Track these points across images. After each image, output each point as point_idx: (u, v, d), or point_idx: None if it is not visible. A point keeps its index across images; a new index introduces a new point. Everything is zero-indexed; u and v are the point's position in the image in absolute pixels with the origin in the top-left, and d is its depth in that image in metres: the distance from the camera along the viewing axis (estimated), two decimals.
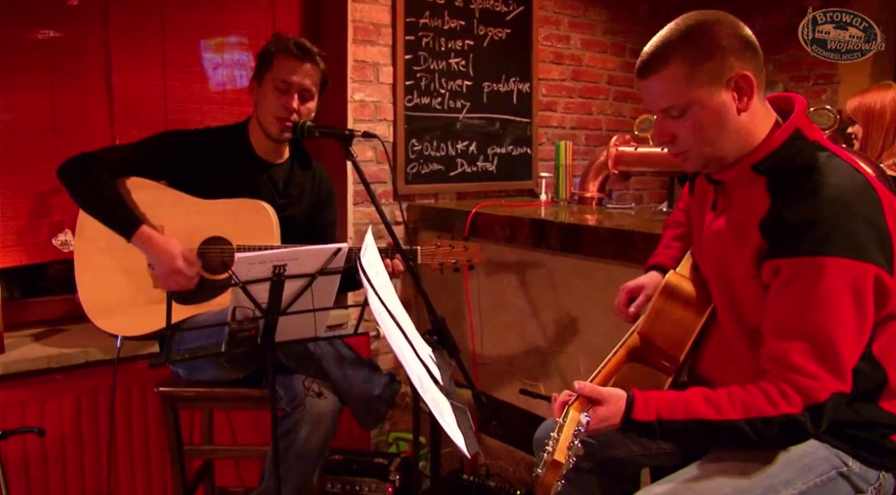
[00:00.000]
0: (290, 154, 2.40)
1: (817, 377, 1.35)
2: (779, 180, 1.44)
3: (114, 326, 2.21)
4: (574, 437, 1.33)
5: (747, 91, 1.44)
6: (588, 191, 3.42)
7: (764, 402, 1.37)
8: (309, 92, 2.26)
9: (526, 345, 2.97)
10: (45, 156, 2.66)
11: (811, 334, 1.36)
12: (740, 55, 1.43)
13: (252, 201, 2.22)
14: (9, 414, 2.40)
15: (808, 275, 1.35)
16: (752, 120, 1.46)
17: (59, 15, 2.69)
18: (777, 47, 4.24)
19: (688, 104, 1.45)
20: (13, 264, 2.67)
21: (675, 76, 1.44)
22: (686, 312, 1.66)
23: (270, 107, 2.23)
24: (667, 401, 1.44)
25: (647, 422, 1.43)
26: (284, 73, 2.22)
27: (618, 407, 1.44)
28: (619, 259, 2.54)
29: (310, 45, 2.28)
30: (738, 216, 1.51)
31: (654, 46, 1.47)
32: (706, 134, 1.46)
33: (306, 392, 2.01)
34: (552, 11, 3.87)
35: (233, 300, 1.62)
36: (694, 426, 1.41)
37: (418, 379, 1.33)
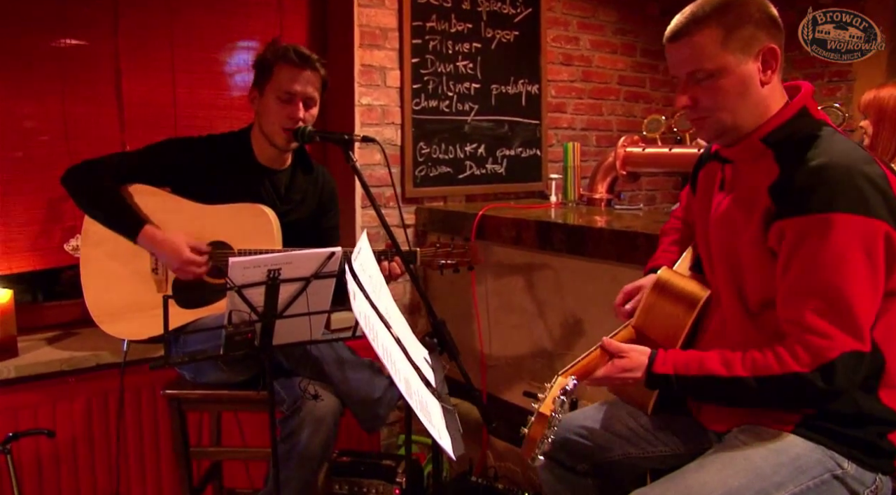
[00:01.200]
0: (292, 159, 2.41)
1: (829, 335, 1.37)
2: (786, 150, 1.49)
3: (120, 330, 2.25)
4: (560, 395, 1.37)
5: (772, 64, 1.51)
6: (597, 192, 3.41)
7: (772, 361, 1.41)
8: (312, 99, 2.27)
9: (533, 347, 2.97)
10: (57, 162, 2.70)
11: (823, 292, 1.38)
12: (769, 30, 1.50)
13: (252, 205, 2.24)
14: (22, 415, 2.45)
15: (817, 232, 1.38)
16: (771, 94, 1.53)
17: (69, 24, 2.74)
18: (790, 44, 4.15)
19: (717, 69, 1.50)
20: (26, 269, 2.73)
21: (708, 39, 1.49)
22: (677, 307, 1.68)
23: (275, 117, 2.24)
24: (683, 358, 1.52)
25: (664, 375, 1.51)
26: (286, 83, 2.22)
27: (640, 361, 1.55)
28: (624, 260, 2.53)
29: (308, 52, 2.28)
30: (747, 188, 1.55)
31: (688, 13, 1.53)
32: (728, 100, 1.51)
33: (303, 394, 2.03)
34: (561, 13, 3.86)
35: (229, 304, 1.64)
36: (704, 381, 1.48)
37: (404, 381, 1.34)
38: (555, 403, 1.38)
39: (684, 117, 3.11)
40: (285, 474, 2.06)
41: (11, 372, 2.47)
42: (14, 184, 2.67)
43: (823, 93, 4.24)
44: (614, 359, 1.57)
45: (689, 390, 1.53)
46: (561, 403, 1.37)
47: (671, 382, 1.52)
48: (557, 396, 1.39)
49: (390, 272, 2.18)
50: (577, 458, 1.77)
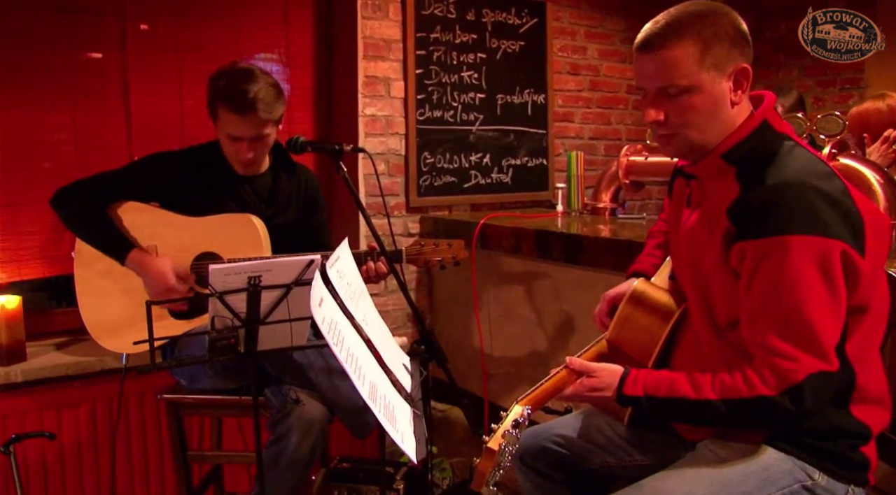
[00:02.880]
0: (272, 163, 2.44)
1: (794, 357, 1.35)
2: (747, 168, 1.46)
3: (116, 345, 2.31)
4: (512, 427, 1.36)
5: (744, 84, 1.47)
6: (601, 201, 3.41)
7: (741, 384, 1.39)
8: (260, 136, 2.23)
9: (532, 355, 2.98)
10: (67, 172, 2.78)
11: (784, 315, 1.36)
12: (742, 48, 1.46)
13: (239, 215, 2.28)
14: (28, 419, 2.52)
15: (774, 255, 1.36)
16: (738, 112, 1.50)
17: (80, 38, 2.82)
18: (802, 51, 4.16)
19: (690, 86, 1.44)
20: (36, 276, 2.81)
21: (685, 55, 1.43)
22: (653, 319, 1.66)
23: (228, 152, 2.28)
24: (654, 380, 1.50)
25: (635, 397, 1.49)
26: (229, 127, 2.20)
27: (611, 380, 1.52)
28: (619, 269, 2.52)
29: (252, 94, 2.15)
30: (711, 207, 1.52)
31: (663, 23, 1.47)
32: (698, 119, 1.47)
33: (285, 399, 2.06)
34: (568, 22, 3.88)
35: (211, 310, 1.68)
36: (674, 403, 1.46)
37: (369, 385, 1.36)
38: (505, 437, 1.36)
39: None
40: (274, 479, 2.09)
41: (19, 377, 2.54)
42: (25, 194, 2.75)
43: (835, 100, 4.20)
44: (583, 378, 1.55)
45: (659, 411, 1.50)
46: (512, 437, 1.36)
47: (641, 403, 1.49)
48: (508, 429, 1.38)
49: (377, 272, 2.20)
50: (554, 467, 1.78)
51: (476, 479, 1.36)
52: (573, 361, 1.60)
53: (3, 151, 2.71)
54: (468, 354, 3.23)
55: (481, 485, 1.36)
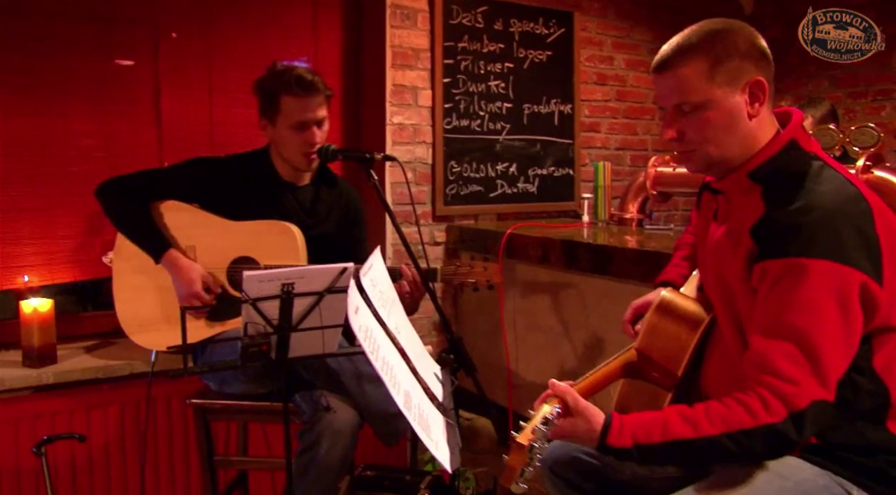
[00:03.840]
0: (315, 174, 2.47)
1: (797, 381, 1.31)
2: (773, 187, 1.46)
3: (148, 341, 2.33)
4: (542, 424, 1.34)
5: (760, 97, 1.47)
6: (627, 212, 3.40)
7: (743, 414, 1.33)
8: (323, 119, 2.31)
9: (558, 366, 2.97)
10: (98, 178, 2.78)
11: (793, 337, 1.33)
12: (756, 62, 1.47)
13: (279, 223, 2.30)
14: (58, 420, 2.54)
15: (792, 277, 1.34)
16: (759, 126, 1.49)
17: (113, 46, 2.87)
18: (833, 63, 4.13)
19: (703, 101, 1.46)
20: (67, 280, 2.84)
21: (694, 72, 1.45)
22: (680, 328, 1.65)
23: (293, 145, 2.30)
24: (643, 424, 1.40)
25: (622, 449, 1.39)
26: (297, 113, 2.26)
27: (590, 427, 1.41)
28: (648, 280, 2.51)
29: (310, 76, 2.28)
30: (736, 223, 1.52)
31: (675, 44, 1.50)
32: (715, 133, 1.48)
33: (316, 406, 2.06)
34: (595, 33, 3.88)
35: (244, 316, 1.69)
36: (673, 447, 1.37)
37: (404, 394, 1.36)
38: (535, 433, 1.33)
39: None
40: (303, 486, 2.09)
41: (50, 378, 2.57)
42: (57, 199, 2.79)
43: (867, 112, 4.16)
44: (565, 416, 1.42)
45: (654, 458, 1.41)
46: (542, 434, 1.34)
47: (631, 454, 1.38)
48: (538, 425, 1.35)
49: (410, 289, 2.20)
50: (584, 477, 1.76)
51: (506, 474, 1.34)
52: (556, 385, 1.47)
53: (36, 157, 2.75)
54: (493, 364, 3.23)
55: (511, 481, 1.34)
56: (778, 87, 4.19)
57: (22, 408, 2.51)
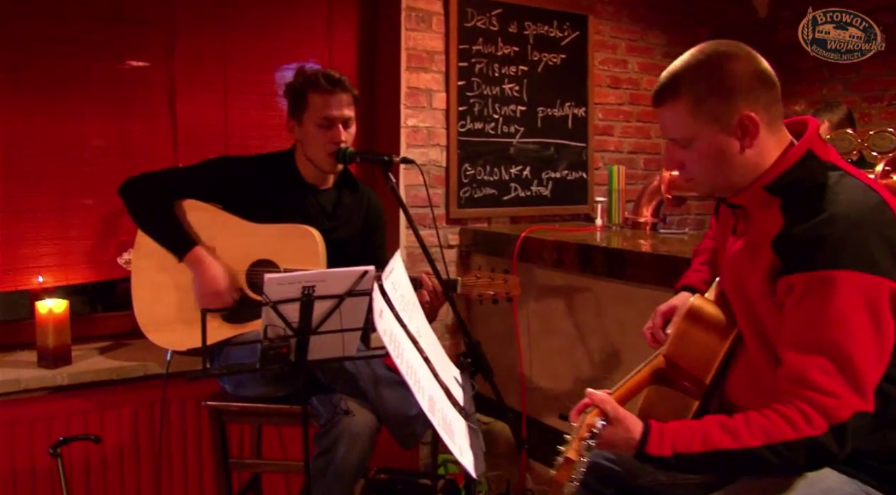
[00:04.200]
0: (337, 178, 2.47)
1: (837, 395, 1.31)
2: (791, 200, 1.45)
3: (165, 340, 2.32)
4: (588, 438, 1.33)
5: (752, 131, 1.45)
6: (641, 215, 3.38)
7: (784, 426, 1.32)
8: (349, 119, 2.33)
9: (573, 371, 2.95)
10: (113, 179, 2.80)
11: (828, 351, 1.32)
12: (748, 94, 1.44)
13: (299, 226, 2.30)
14: (73, 421, 2.54)
15: (821, 290, 1.33)
16: (758, 153, 1.48)
17: (129, 47, 2.87)
18: (847, 67, 4.12)
19: (690, 138, 1.48)
20: (82, 281, 2.85)
21: (679, 110, 1.47)
22: (710, 336, 1.64)
23: (319, 143, 2.31)
24: (683, 433, 1.39)
25: (661, 457, 1.38)
26: (323, 110, 2.28)
27: (629, 436, 1.40)
28: (665, 285, 2.50)
29: (337, 75, 2.32)
30: (755, 237, 1.51)
31: (667, 76, 1.51)
32: (711, 166, 1.50)
33: (335, 409, 2.06)
34: (609, 36, 3.87)
35: (265, 319, 1.69)
36: (713, 457, 1.36)
37: (428, 399, 1.36)
38: (582, 447, 1.33)
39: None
40: (320, 490, 2.09)
41: (65, 379, 2.57)
42: (72, 200, 2.80)
43: (883, 116, 4.13)
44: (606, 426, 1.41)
45: (693, 467, 1.41)
46: (587, 447, 1.33)
47: (669, 463, 1.38)
48: (585, 439, 1.34)
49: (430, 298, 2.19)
50: (605, 483, 1.75)
51: (553, 490, 1.33)
52: (595, 395, 1.45)
53: (52, 158, 2.75)
54: (506, 367, 3.21)
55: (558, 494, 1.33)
56: (792, 92, 4.21)
57: (37, 409, 2.51)
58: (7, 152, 2.67)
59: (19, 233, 2.71)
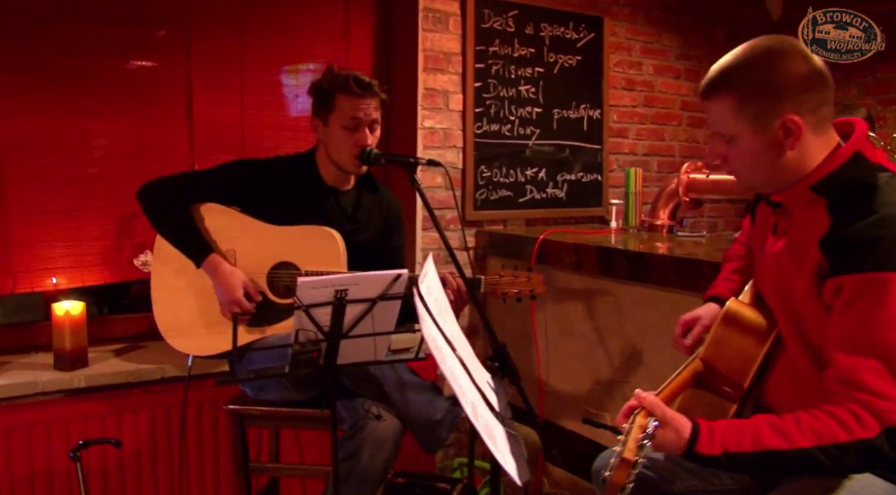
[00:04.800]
0: (357, 180, 2.45)
1: (890, 397, 1.30)
2: (839, 200, 1.44)
3: (185, 345, 2.30)
4: (642, 439, 1.32)
5: (795, 133, 1.44)
6: (658, 218, 3.37)
7: (836, 428, 1.32)
8: (376, 122, 2.31)
9: (592, 374, 2.93)
10: (129, 180, 2.79)
11: (880, 353, 1.32)
12: (795, 96, 1.43)
13: (320, 228, 2.28)
14: (90, 425, 2.52)
15: (873, 292, 1.33)
16: (801, 154, 1.46)
17: (146, 48, 2.84)
18: (861, 70, 4.12)
19: (733, 135, 1.47)
20: (97, 282, 2.82)
21: (723, 106, 1.47)
22: (747, 340, 1.64)
23: (344, 146, 2.29)
24: (732, 432, 1.38)
25: (711, 457, 1.38)
26: (351, 112, 2.26)
27: (679, 435, 1.39)
28: (687, 288, 2.49)
29: (367, 78, 2.30)
30: (798, 236, 1.50)
31: (716, 69, 1.50)
32: (751, 163, 1.49)
33: (366, 414, 2.04)
34: (624, 38, 3.85)
35: (296, 323, 1.67)
36: (764, 457, 1.36)
37: (471, 405, 1.34)
38: (640, 449, 1.31)
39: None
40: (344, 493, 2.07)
41: (82, 382, 2.55)
42: (88, 201, 2.77)
43: None
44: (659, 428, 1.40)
45: (742, 467, 1.40)
46: (642, 447, 1.32)
47: (719, 462, 1.37)
48: (639, 440, 1.33)
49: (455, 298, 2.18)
50: (639, 490, 1.72)
51: (609, 491, 1.31)
52: (645, 398, 1.44)
53: (68, 158, 2.73)
54: (523, 371, 3.17)
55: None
56: None
57: (54, 412, 2.49)
58: (22, 153, 2.64)
59: (34, 234, 2.68)
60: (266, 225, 2.29)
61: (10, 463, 2.41)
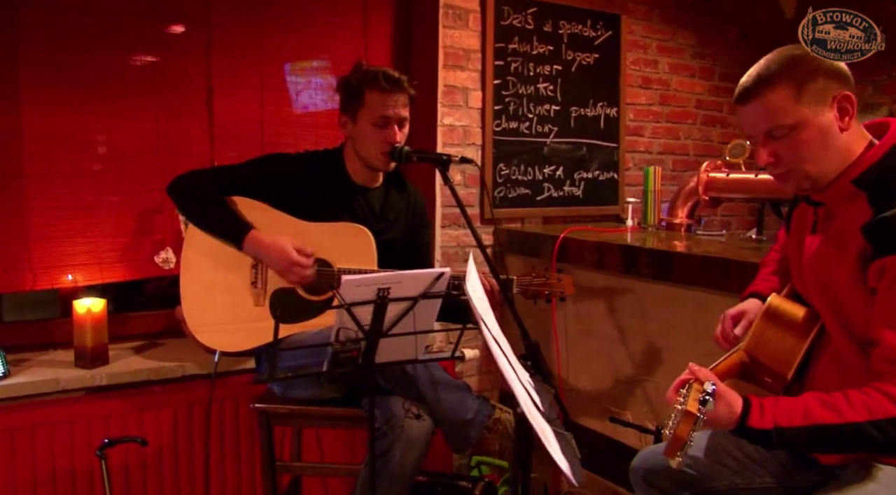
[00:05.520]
0: (385, 178, 2.43)
1: None
2: (880, 190, 1.48)
3: (215, 341, 2.27)
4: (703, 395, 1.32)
5: (849, 110, 1.52)
6: (677, 217, 3.36)
7: (887, 403, 1.34)
8: (405, 119, 2.30)
9: (613, 372, 2.93)
10: (148, 176, 2.78)
11: None
12: (838, 79, 1.53)
13: (353, 225, 2.27)
14: (112, 422, 2.50)
15: None
16: (852, 139, 1.53)
17: (166, 42, 2.82)
18: (877, 69, 4.13)
19: (795, 123, 1.50)
20: (117, 279, 2.79)
21: (782, 97, 1.50)
22: (790, 333, 1.65)
23: (373, 142, 2.27)
24: (783, 408, 1.41)
25: (763, 430, 1.39)
26: (380, 109, 2.24)
27: (731, 410, 1.41)
28: (712, 287, 2.49)
29: (397, 74, 2.29)
30: (840, 228, 1.54)
31: (755, 74, 1.55)
32: (810, 151, 1.52)
33: (406, 413, 2.02)
34: (640, 36, 3.84)
35: (337, 321, 1.65)
36: (815, 431, 1.38)
37: (526, 406, 1.33)
38: (702, 404, 1.31)
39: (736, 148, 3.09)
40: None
41: (104, 380, 2.53)
42: (107, 197, 2.74)
43: None
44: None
45: (794, 442, 1.41)
46: (704, 402, 1.32)
47: (770, 437, 1.39)
48: (704, 395, 1.33)
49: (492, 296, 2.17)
50: (680, 487, 1.74)
51: (671, 445, 1.29)
52: (699, 370, 1.48)
53: (87, 154, 2.71)
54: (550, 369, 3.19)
55: (676, 452, 1.29)
56: None
57: (77, 410, 2.47)
58: (41, 148, 2.62)
59: (54, 230, 2.66)
60: (299, 221, 2.27)
61: (34, 461, 2.39)
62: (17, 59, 2.55)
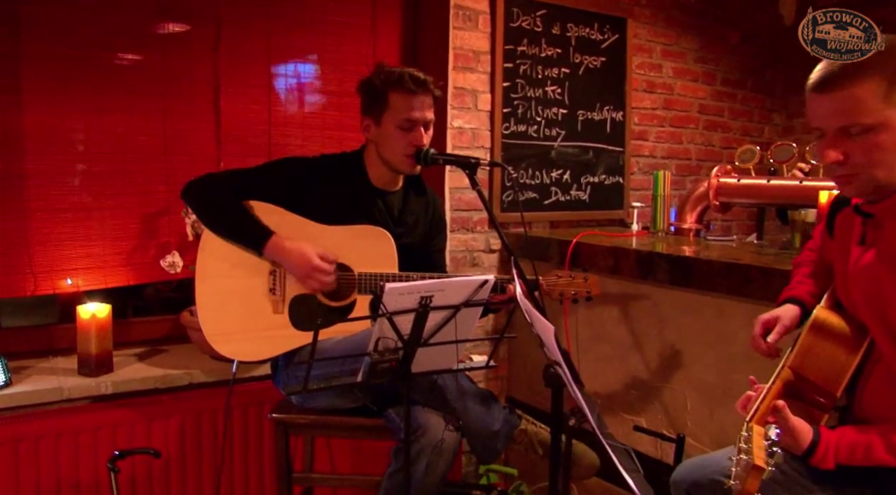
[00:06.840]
0: (405, 181, 2.38)
1: None
2: None
3: (232, 351, 2.20)
4: (769, 445, 1.31)
5: None
6: (686, 222, 3.34)
7: None
8: (431, 121, 2.24)
9: (627, 379, 2.89)
10: (154, 177, 2.70)
11: None
12: None
13: (374, 228, 2.21)
14: (119, 432, 2.42)
15: None
16: None
17: (173, 42, 2.74)
18: None
19: (877, 123, 1.39)
20: (122, 284, 2.70)
21: (869, 92, 1.38)
22: (839, 349, 1.60)
23: (398, 146, 2.21)
24: (846, 444, 1.41)
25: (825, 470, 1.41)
26: (406, 112, 2.18)
27: (797, 445, 1.42)
28: (734, 294, 2.46)
29: (423, 75, 2.22)
30: (893, 244, 1.46)
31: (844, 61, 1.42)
32: (884, 157, 1.41)
33: (446, 426, 1.97)
34: (645, 40, 3.83)
35: (377, 331, 1.60)
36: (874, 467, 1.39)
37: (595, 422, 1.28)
38: (770, 456, 1.29)
39: (781, 151, 3.06)
40: None
41: (109, 388, 2.45)
42: (111, 199, 2.66)
43: None
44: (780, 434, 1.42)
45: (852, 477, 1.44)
46: (771, 453, 1.29)
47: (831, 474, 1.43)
48: (766, 447, 1.30)
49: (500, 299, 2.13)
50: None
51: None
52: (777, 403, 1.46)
53: (91, 155, 2.62)
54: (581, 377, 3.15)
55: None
56: None
57: (82, 420, 2.39)
58: (43, 148, 2.53)
59: (56, 233, 2.57)
60: (317, 224, 2.20)
61: (38, 473, 2.30)
62: (21, 57, 2.47)
